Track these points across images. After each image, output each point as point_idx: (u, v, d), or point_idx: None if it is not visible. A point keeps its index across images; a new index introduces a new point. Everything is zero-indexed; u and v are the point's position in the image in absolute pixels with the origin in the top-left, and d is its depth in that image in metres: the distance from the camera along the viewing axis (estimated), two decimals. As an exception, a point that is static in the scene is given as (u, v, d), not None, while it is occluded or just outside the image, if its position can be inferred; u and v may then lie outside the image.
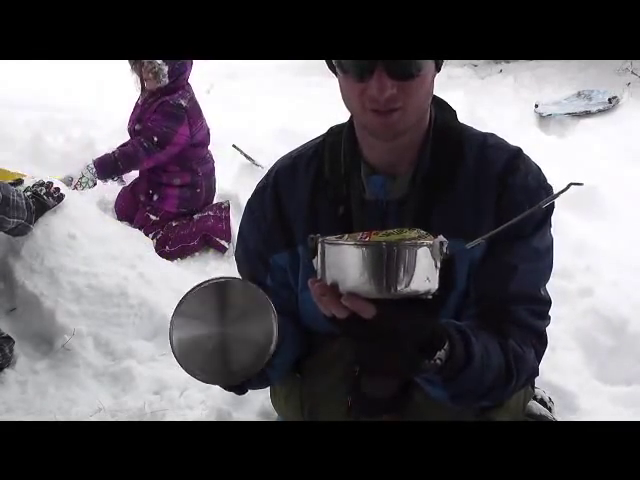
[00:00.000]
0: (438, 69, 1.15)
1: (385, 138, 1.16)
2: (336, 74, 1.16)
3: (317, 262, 0.93)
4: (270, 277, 1.33)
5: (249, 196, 1.40)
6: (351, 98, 1.13)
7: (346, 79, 1.12)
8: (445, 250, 0.90)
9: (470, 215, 1.20)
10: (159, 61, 3.28)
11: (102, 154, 3.45)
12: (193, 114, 3.44)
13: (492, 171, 1.21)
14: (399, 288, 0.86)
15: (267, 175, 1.36)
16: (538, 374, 1.21)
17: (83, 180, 3.35)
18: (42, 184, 2.58)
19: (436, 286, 0.90)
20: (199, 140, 3.51)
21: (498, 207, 1.20)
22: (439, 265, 0.89)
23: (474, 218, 1.20)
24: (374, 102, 1.09)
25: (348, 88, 1.13)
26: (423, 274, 0.87)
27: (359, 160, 1.24)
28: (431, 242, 0.88)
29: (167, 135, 3.37)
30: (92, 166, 3.38)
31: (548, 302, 1.24)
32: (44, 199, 2.53)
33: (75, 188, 3.28)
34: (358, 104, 1.12)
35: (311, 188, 1.28)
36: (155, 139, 3.36)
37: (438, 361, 0.97)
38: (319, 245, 0.92)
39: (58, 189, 2.63)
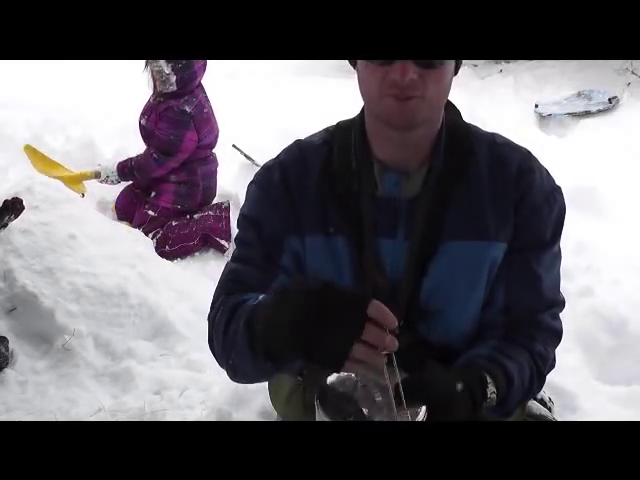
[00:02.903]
0: (456, 72, 1.14)
1: (400, 127, 1.13)
2: (355, 67, 1.15)
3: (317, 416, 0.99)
4: (286, 258, 1.24)
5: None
6: (371, 84, 1.11)
7: (368, 65, 1.10)
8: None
9: (489, 216, 1.20)
10: (167, 70, 3.33)
11: (124, 158, 3.64)
12: (199, 119, 3.47)
13: (508, 171, 1.21)
14: None
15: (274, 159, 1.31)
16: (555, 365, 1.27)
17: (108, 180, 3.63)
18: None
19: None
20: (206, 143, 3.55)
21: (517, 209, 1.20)
22: None
23: (493, 220, 1.20)
24: (394, 87, 1.08)
25: (369, 74, 1.11)
26: None
27: (370, 157, 1.22)
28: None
29: (175, 143, 3.44)
30: (114, 171, 3.59)
31: (564, 303, 1.29)
32: None
33: (103, 182, 3.66)
34: (377, 90, 1.10)
35: (319, 181, 1.25)
36: (163, 149, 3.45)
37: (493, 395, 1.08)
38: (316, 406, 0.98)
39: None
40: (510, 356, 1.16)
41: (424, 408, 0.97)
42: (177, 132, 3.41)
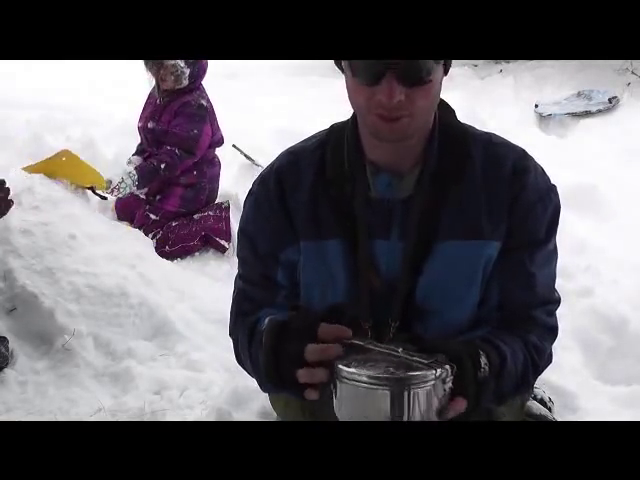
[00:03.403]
0: (446, 72, 1.14)
1: (389, 141, 1.15)
2: (343, 71, 1.15)
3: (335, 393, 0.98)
4: (281, 273, 1.28)
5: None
6: (357, 100, 1.12)
7: (354, 81, 1.10)
8: (451, 375, 0.96)
9: (483, 216, 1.20)
10: (182, 64, 3.29)
11: (141, 162, 3.43)
12: (212, 114, 3.46)
13: (502, 171, 1.21)
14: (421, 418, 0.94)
15: (269, 167, 1.32)
16: (552, 361, 1.28)
17: (122, 185, 3.34)
18: None
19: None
20: (215, 140, 3.53)
21: (512, 209, 1.20)
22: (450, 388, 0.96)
23: (487, 219, 1.20)
24: (381, 108, 1.08)
25: (355, 90, 1.11)
26: (439, 404, 0.95)
27: (363, 159, 1.22)
28: (444, 370, 0.94)
29: (195, 139, 3.38)
30: (134, 173, 3.34)
31: (559, 301, 1.29)
32: None
33: (112, 192, 3.35)
34: (364, 107, 1.11)
35: (313, 185, 1.25)
36: (185, 146, 3.36)
37: (485, 367, 1.06)
38: (336, 376, 0.97)
39: None
40: (504, 340, 1.16)
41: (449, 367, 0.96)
42: (196, 127, 3.36)
